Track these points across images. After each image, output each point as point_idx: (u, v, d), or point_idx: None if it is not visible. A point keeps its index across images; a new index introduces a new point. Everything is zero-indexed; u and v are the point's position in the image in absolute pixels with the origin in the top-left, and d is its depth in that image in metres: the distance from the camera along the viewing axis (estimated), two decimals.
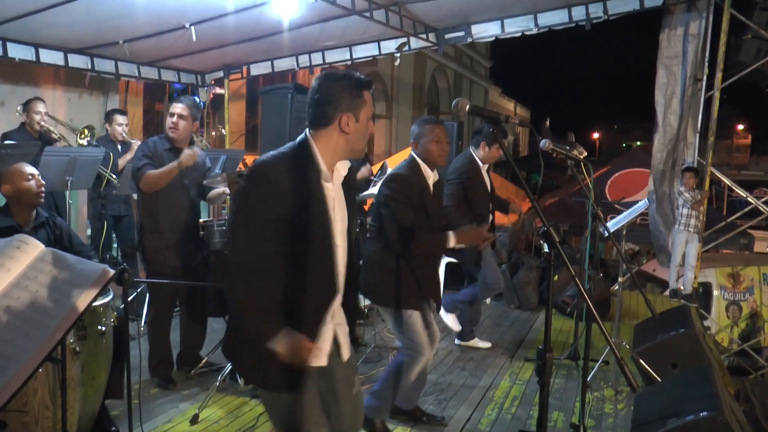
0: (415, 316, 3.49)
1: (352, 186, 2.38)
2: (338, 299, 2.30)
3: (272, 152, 2.20)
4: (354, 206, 2.39)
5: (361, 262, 3.65)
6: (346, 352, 2.37)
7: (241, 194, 2.17)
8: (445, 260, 6.04)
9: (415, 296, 3.49)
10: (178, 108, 4.20)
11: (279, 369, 2.13)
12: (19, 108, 5.62)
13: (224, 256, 2.17)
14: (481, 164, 5.00)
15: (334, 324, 2.31)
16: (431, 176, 3.64)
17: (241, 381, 4.17)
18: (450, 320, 5.28)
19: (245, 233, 2.12)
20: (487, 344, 5.59)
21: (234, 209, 2.29)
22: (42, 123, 5.50)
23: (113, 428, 3.57)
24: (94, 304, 3.27)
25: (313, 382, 2.27)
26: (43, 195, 3.56)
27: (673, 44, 6.40)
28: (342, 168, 2.28)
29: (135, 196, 5.68)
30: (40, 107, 5.53)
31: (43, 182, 3.58)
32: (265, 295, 2.11)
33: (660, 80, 6.55)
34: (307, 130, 2.23)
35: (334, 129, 2.18)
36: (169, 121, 4.22)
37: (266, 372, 2.20)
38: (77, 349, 3.06)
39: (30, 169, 3.53)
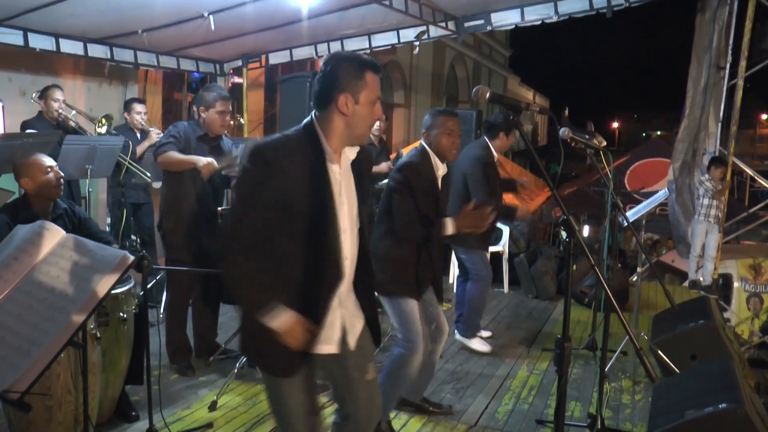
0: (411, 305, 3.38)
1: (362, 169, 2.31)
2: (345, 284, 2.25)
3: (276, 134, 2.18)
4: (365, 190, 2.33)
5: None
6: (351, 340, 2.31)
7: (242, 176, 2.16)
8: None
9: (411, 284, 3.39)
10: (229, 106, 4.46)
11: (275, 350, 2.11)
12: (34, 95, 5.54)
13: (223, 235, 2.15)
14: (495, 154, 5.00)
15: (342, 311, 2.26)
16: (440, 168, 3.56)
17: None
18: (476, 345, 5.14)
19: (244, 213, 2.10)
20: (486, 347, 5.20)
21: (236, 189, 2.23)
22: (60, 110, 5.44)
23: (134, 413, 3.63)
24: (116, 291, 3.33)
25: (311, 371, 2.26)
26: (61, 187, 3.53)
27: (704, 32, 6.30)
28: (350, 151, 2.22)
29: (154, 184, 5.73)
30: (58, 95, 5.47)
31: (62, 174, 3.54)
32: (263, 271, 2.10)
33: (693, 70, 6.46)
34: (314, 112, 2.18)
35: (333, 110, 2.12)
36: (222, 117, 4.41)
37: (261, 351, 2.19)
38: (98, 335, 3.10)
39: (49, 161, 3.47)
